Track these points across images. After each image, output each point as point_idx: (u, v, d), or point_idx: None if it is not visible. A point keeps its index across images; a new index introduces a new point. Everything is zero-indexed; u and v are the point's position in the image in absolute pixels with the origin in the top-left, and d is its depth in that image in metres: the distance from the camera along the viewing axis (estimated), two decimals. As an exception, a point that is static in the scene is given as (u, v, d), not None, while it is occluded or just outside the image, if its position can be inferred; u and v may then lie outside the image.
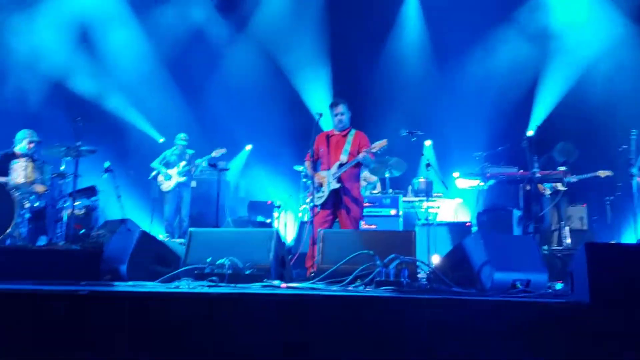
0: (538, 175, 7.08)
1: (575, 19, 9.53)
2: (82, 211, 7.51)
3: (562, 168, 7.57)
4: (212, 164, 7.46)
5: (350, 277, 4.09)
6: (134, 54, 10.43)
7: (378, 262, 4.09)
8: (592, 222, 8.32)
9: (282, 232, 8.68)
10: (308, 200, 5.79)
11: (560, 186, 7.65)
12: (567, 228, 7.76)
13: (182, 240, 7.22)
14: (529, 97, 9.74)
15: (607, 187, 7.88)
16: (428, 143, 9.71)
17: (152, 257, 4.70)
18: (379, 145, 5.65)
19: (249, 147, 11.23)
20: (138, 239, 4.60)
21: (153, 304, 3.13)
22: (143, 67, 10.45)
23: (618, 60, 8.96)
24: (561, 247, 7.34)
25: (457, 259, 4.44)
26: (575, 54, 9.43)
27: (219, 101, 10.79)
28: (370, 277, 4.03)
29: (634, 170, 6.44)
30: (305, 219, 7.85)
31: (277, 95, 10.72)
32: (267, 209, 9.45)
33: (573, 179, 7.61)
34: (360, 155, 5.67)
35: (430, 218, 7.81)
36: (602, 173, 7.46)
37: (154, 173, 9.27)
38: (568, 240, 7.65)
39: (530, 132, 7.82)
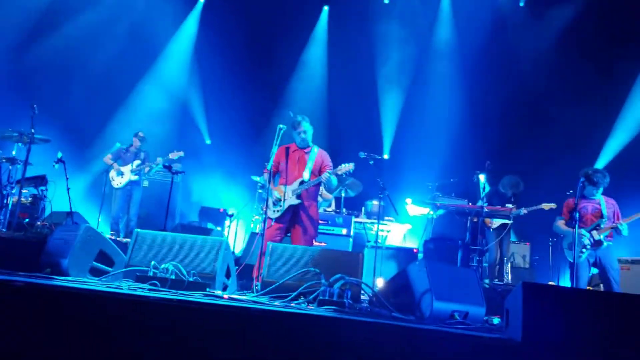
0: (486, 209, 7.28)
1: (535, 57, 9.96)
2: (29, 200, 7.30)
3: (510, 205, 7.81)
4: (167, 166, 7.36)
5: (294, 294, 4.10)
6: (99, 44, 10.24)
7: (323, 281, 4.11)
8: (534, 261, 8.59)
9: (231, 242, 8.63)
10: (263, 211, 5.77)
11: (506, 220, 7.89)
12: (509, 264, 7.98)
13: (127, 239, 7.08)
14: (485, 133, 10.04)
15: (551, 227, 8.16)
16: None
17: (95, 254, 4.59)
18: (345, 168, 5.66)
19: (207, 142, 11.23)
20: (82, 234, 4.49)
21: (90, 302, 3.07)
22: (108, 61, 10.26)
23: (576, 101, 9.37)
24: (502, 283, 7.54)
25: (400, 284, 4.50)
26: (531, 92, 9.83)
27: (181, 102, 10.71)
28: (313, 295, 4.04)
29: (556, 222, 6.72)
30: (257, 230, 7.82)
31: (241, 105, 10.72)
32: (219, 216, 9.37)
33: (523, 211, 7.84)
34: (324, 176, 5.66)
35: (379, 241, 7.91)
36: (546, 206, 7.72)
37: (106, 168, 9.08)
38: (509, 277, 7.86)
39: (481, 177, 8.05)
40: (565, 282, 7.93)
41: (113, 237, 8.24)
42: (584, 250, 6.21)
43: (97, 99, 10.24)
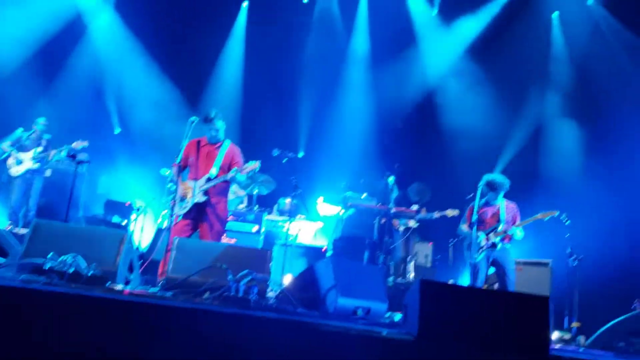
0: (393, 210, 7.52)
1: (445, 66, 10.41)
2: None
3: (415, 207, 8.09)
4: (71, 155, 7.02)
5: (200, 290, 4.05)
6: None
7: (230, 277, 4.10)
8: (436, 260, 8.98)
9: (138, 236, 8.37)
10: (170, 207, 5.65)
11: (412, 223, 8.21)
12: (412, 263, 8.30)
13: (25, 230, 6.69)
14: (396, 136, 10.37)
15: (453, 230, 8.56)
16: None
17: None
18: (250, 167, 5.63)
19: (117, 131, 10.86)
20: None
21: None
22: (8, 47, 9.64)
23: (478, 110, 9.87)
24: (405, 280, 7.83)
25: (307, 281, 4.58)
26: (442, 100, 10.28)
27: (88, 90, 10.27)
28: (219, 291, 4.02)
29: (461, 225, 7.08)
30: (164, 225, 7.64)
31: (154, 96, 10.43)
32: (125, 210, 9.04)
33: (427, 216, 8.17)
34: (230, 174, 5.61)
35: (290, 239, 7.96)
36: (450, 212, 8.08)
37: (4, 155, 8.52)
38: (412, 275, 8.17)
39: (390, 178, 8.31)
40: (464, 280, 8.34)
41: (10, 229, 7.76)
42: (480, 251, 6.57)
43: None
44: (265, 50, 10.91)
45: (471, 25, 10.30)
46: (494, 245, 6.57)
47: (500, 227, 6.62)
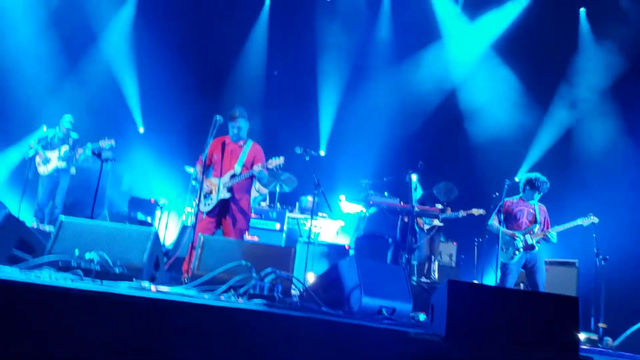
0: (417, 209, 7.46)
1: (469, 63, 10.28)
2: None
3: (439, 206, 8.02)
4: (97, 153, 7.09)
5: (224, 287, 4.06)
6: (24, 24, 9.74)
7: (254, 275, 4.10)
8: (460, 260, 8.89)
9: (162, 233, 8.43)
10: (194, 204, 5.69)
11: (436, 222, 8.13)
12: (436, 263, 8.23)
13: (51, 227, 6.79)
14: (419, 134, 10.29)
15: (478, 229, 8.47)
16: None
17: (15, 241, 4.37)
18: (274, 162, 5.67)
19: (141, 130, 10.92)
20: (1, 221, 4.26)
21: (7, 291, 2.92)
22: (35, 44, 9.77)
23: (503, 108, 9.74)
24: (429, 281, 7.76)
25: (330, 280, 4.56)
26: (466, 98, 10.16)
27: (115, 88, 10.38)
28: (244, 288, 4.02)
29: (490, 221, 6.95)
30: (189, 222, 7.69)
31: (177, 94, 10.49)
32: (149, 207, 9.13)
33: (452, 215, 8.09)
34: (256, 169, 5.65)
35: (312, 237, 7.95)
36: (476, 211, 7.99)
37: (31, 153, 8.65)
38: (436, 275, 8.10)
39: (414, 177, 8.23)
40: (489, 280, 8.25)
41: (36, 226, 7.89)
42: (516, 252, 6.42)
43: (24, 82, 9.73)
44: (287, 47, 10.91)
45: (497, 21, 10.16)
46: (532, 247, 6.42)
47: (536, 229, 6.47)
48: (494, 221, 6.70)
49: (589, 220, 6.42)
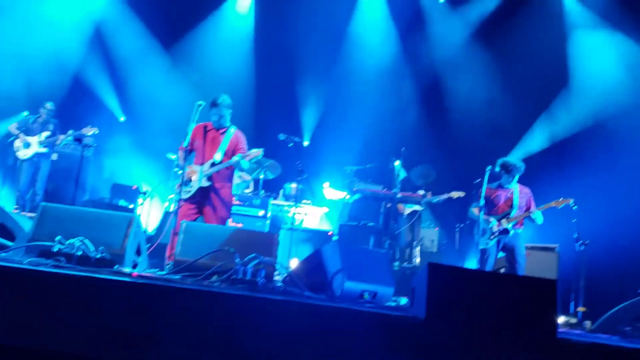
0: (399, 195, 7.51)
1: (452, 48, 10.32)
2: None
3: (421, 191, 8.07)
4: (78, 138, 7.03)
5: (207, 273, 4.06)
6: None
7: (237, 260, 4.11)
8: (442, 246, 8.98)
9: (145, 220, 8.40)
10: (176, 190, 5.67)
11: (417, 206, 8.19)
12: (418, 248, 8.30)
13: (33, 214, 6.72)
14: (402, 121, 10.31)
15: (460, 215, 8.54)
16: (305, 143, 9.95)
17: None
18: (253, 154, 5.65)
19: (122, 119, 10.81)
20: (-21, 207, 4.23)
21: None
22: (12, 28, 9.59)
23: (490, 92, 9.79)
24: (411, 265, 7.84)
25: (313, 265, 4.59)
26: (449, 83, 10.20)
27: (96, 73, 10.26)
28: (227, 274, 4.03)
29: (471, 208, 7.02)
30: (171, 209, 7.66)
31: (158, 80, 10.40)
32: (131, 193, 9.07)
33: (433, 199, 8.15)
34: (234, 159, 5.61)
35: (296, 223, 7.97)
36: (455, 194, 8.05)
37: (11, 138, 8.54)
38: (418, 260, 8.18)
39: (397, 162, 8.27)
40: (471, 265, 8.35)
41: (17, 211, 7.80)
42: (492, 237, 6.52)
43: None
44: (272, 35, 10.84)
45: (479, 9, 10.18)
46: (506, 231, 6.52)
47: (513, 213, 6.56)
48: (474, 209, 6.80)
49: (563, 201, 6.51)
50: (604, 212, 7.86)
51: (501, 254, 6.80)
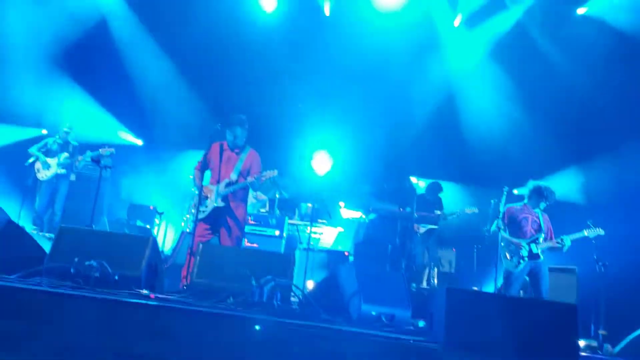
0: (416, 215, 7.47)
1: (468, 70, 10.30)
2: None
3: (438, 212, 8.02)
4: (96, 160, 7.09)
5: (224, 296, 4.06)
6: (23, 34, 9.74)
7: (253, 282, 4.10)
8: (459, 267, 8.88)
9: (161, 240, 8.43)
10: (192, 210, 5.69)
11: (433, 226, 8.14)
12: (435, 269, 8.22)
13: (51, 235, 6.79)
14: (420, 139, 10.29)
15: (477, 236, 8.45)
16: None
17: (15, 248, 4.37)
18: (268, 175, 5.66)
19: (139, 142, 10.91)
20: (2, 228, 4.27)
21: (7, 297, 2.93)
22: (33, 50, 9.77)
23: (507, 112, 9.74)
24: (428, 287, 7.76)
25: (330, 286, 4.56)
26: (467, 102, 10.18)
27: (116, 95, 10.39)
28: (243, 296, 4.02)
29: (491, 227, 6.91)
30: (187, 229, 7.69)
31: (178, 101, 10.51)
32: (148, 214, 9.13)
33: (447, 215, 8.09)
34: (249, 180, 5.64)
35: (311, 243, 7.95)
36: (469, 210, 7.98)
37: (31, 159, 8.66)
38: (435, 281, 8.10)
39: (414, 179, 8.25)
40: (489, 287, 8.24)
41: (35, 232, 7.88)
42: (521, 261, 6.39)
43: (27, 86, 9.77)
44: (289, 55, 10.92)
45: (494, 27, 10.17)
46: (537, 256, 6.39)
47: (542, 238, 6.44)
48: (496, 227, 6.61)
49: (595, 231, 6.41)
50: (623, 233, 7.74)
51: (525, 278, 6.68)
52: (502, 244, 6.48)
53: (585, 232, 6.40)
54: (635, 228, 7.89)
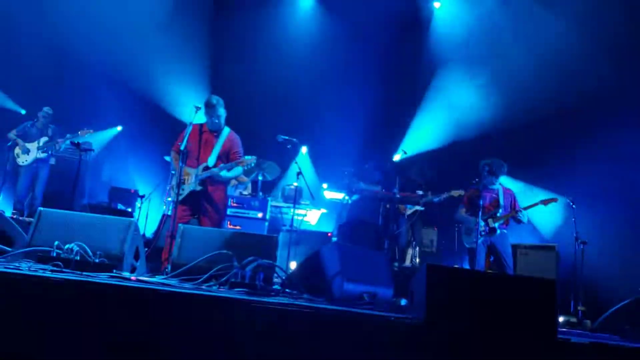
0: (398, 196, 7.51)
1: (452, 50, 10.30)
2: None
3: (420, 192, 8.07)
4: (76, 143, 7.02)
5: (205, 276, 4.05)
6: None
7: (235, 264, 4.09)
8: (441, 246, 8.97)
9: (143, 223, 8.38)
10: (171, 192, 5.65)
11: (418, 207, 8.20)
12: (417, 248, 8.30)
13: (31, 219, 6.70)
14: (401, 122, 10.30)
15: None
16: (304, 150, 9.92)
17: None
18: (246, 161, 5.62)
19: (119, 128, 10.75)
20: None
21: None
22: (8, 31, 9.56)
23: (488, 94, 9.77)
24: (410, 266, 7.83)
25: (312, 267, 4.57)
26: (448, 84, 10.19)
27: (94, 78, 10.23)
28: (225, 277, 4.02)
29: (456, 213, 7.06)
30: (168, 212, 7.65)
31: (156, 83, 10.37)
32: (129, 197, 9.07)
33: (434, 198, 8.16)
34: (215, 171, 5.60)
35: (295, 225, 7.96)
36: (455, 193, 8.07)
37: (9, 143, 8.53)
38: (417, 260, 8.18)
39: (397, 157, 8.28)
40: (467, 265, 8.34)
41: (15, 217, 7.79)
42: (479, 237, 6.56)
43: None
44: (269, 38, 10.84)
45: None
46: (493, 230, 6.57)
47: (499, 212, 6.61)
48: (461, 210, 6.88)
49: (550, 200, 6.56)
50: (602, 211, 7.86)
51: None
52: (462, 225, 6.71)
53: (540, 202, 6.57)
54: (614, 205, 8.02)
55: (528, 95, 9.51)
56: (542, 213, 6.94)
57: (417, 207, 8.23)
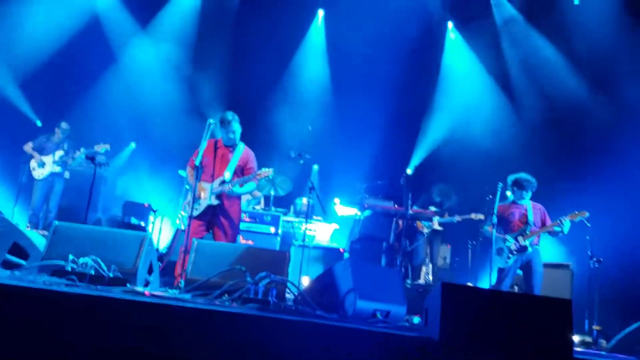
0: (411, 212, 7.47)
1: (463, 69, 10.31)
2: None
3: (433, 208, 8.03)
4: (90, 157, 7.07)
5: (218, 292, 4.05)
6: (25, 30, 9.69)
7: (248, 279, 4.10)
8: (454, 263, 8.90)
9: (155, 238, 8.41)
10: (186, 207, 5.66)
11: (436, 225, 8.14)
12: (430, 265, 8.24)
13: (46, 232, 6.76)
14: (412, 138, 10.29)
15: (472, 232, 8.46)
16: (315, 167, 9.96)
17: (9, 246, 4.36)
18: (263, 174, 5.63)
19: (133, 145, 10.83)
20: (-5, 227, 4.26)
21: (1, 295, 2.91)
22: (32, 45, 9.71)
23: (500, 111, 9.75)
24: (423, 283, 7.77)
25: (325, 283, 4.56)
26: (459, 101, 10.18)
27: (109, 94, 10.35)
28: (238, 293, 4.02)
29: (485, 227, 6.94)
30: (182, 227, 7.68)
31: (171, 98, 10.47)
32: (143, 211, 9.11)
33: (453, 219, 8.11)
34: (226, 188, 5.60)
35: (306, 240, 7.95)
36: (475, 216, 8.00)
37: (28, 158, 8.64)
38: (430, 277, 8.12)
39: (409, 171, 8.26)
40: (483, 283, 8.26)
41: (30, 229, 7.85)
42: (510, 255, 6.42)
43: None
44: (279, 54, 10.93)
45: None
46: (524, 248, 6.42)
47: (528, 229, 6.47)
48: (487, 227, 6.67)
49: (579, 214, 6.40)
50: (617, 229, 7.77)
51: (519, 272, 6.69)
52: (493, 243, 6.54)
53: (569, 216, 6.39)
54: (629, 224, 7.92)
55: (542, 108, 9.49)
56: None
57: (436, 227, 8.19)
